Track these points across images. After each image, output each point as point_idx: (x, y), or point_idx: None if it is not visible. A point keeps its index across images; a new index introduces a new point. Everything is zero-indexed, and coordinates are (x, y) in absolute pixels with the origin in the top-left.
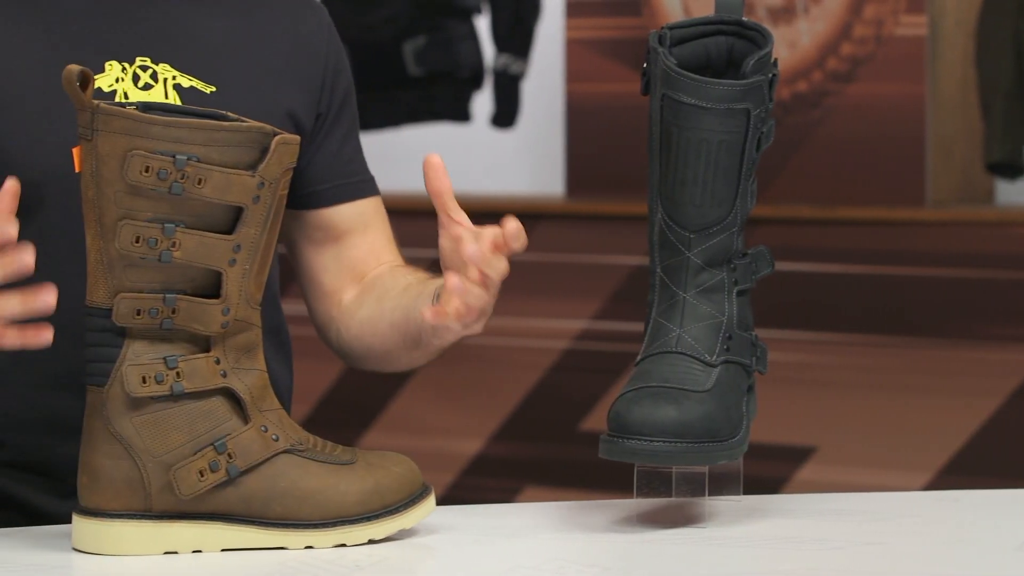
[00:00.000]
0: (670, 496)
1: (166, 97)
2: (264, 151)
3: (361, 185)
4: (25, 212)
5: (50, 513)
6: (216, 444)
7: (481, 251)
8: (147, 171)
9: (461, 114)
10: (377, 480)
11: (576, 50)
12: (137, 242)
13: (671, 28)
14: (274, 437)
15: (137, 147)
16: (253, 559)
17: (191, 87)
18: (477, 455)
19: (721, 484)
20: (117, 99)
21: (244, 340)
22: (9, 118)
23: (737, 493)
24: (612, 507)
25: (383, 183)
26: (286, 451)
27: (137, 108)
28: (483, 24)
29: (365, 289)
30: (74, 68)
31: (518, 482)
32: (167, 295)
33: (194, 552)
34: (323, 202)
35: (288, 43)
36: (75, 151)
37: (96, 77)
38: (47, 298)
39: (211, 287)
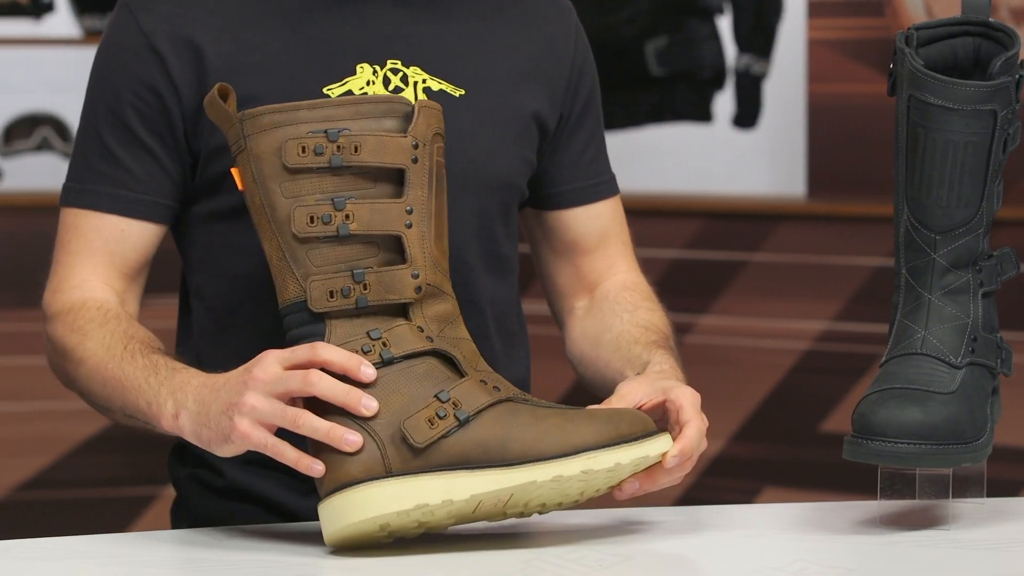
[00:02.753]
0: (913, 498)
1: (416, 100)
2: (409, 117)
3: (600, 187)
4: None
5: (291, 510)
6: (439, 395)
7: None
8: (303, 151)
9: (702, 114)
10: (609, 416)
11: (818, 50)
12: (312, 222)
13: (918, 29)
14: (495, 387)
15: (289, 136)
16: (498, 558)
17: (440, 90)
18: (717, 456)
19: (965, 486)
20: (331, 98)
21: (442, 310)
22: None
23: (981, 495)
24: (854, 509)
25: (624, 183)
26: (509, 399)
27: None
28: (725, 24)
29: (592, 312)
30: (213, 89)
31: (758, 483)
32: (355, 271)
33: (444, 501)
34: (563, 204)
35: (535, 44)
36: (234, 171)
37: (348, 80)
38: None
39: (396, 260)
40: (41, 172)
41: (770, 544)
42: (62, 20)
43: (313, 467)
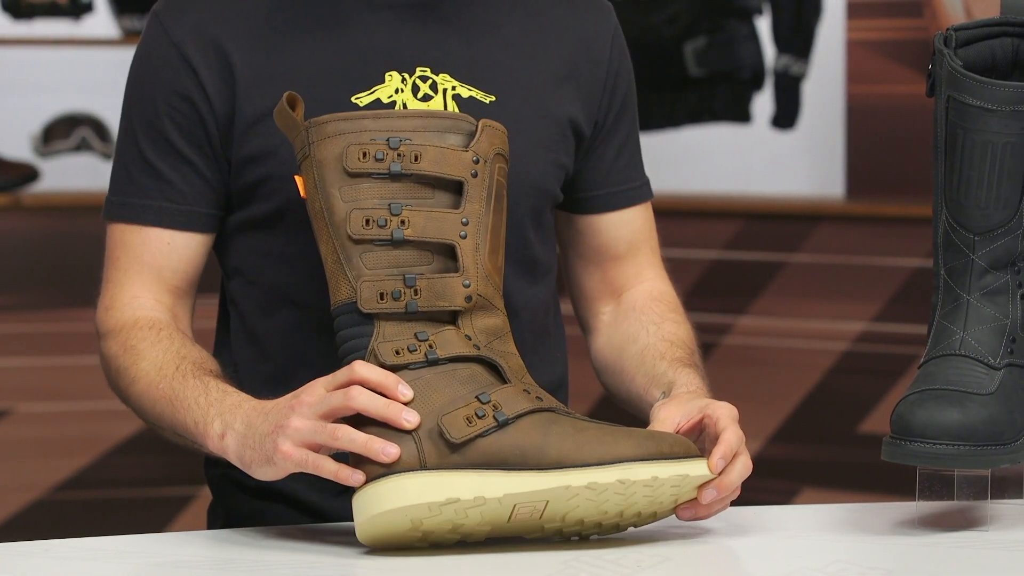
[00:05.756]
0: (952, 499)
1: (444, 107)
2: (472, 135)
3: (632, 193)
4: (297, 225)
5: (321, 509)
6: (479, 396)
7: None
8: (364, 156)
9: (741, 115)
10: (650, 434)
11: (857, 51)
12: (367, 225)
13: (956, 30)
14: (538, 397)
15: (352, 142)
16: (536, 559)
17: (470, 97)
18: (755, 456)
19: (1003, 487)
20: (396, 110)
21: (492, 324)
22: None
23: (1019, 497)
24: (893, 510)
25: (662, 184)
26: (551, 409)
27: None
28: (764, 25)
29: (617, 320)
30: (283, 98)
31: (796, 484)
32: (407, 276)
33: (476, 498)
34: (594, 209)
35: (571, 47)
36: (298, 179)
37: (376, 88)
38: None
39: (450, 269)
40: (80, 172)
41: (808, 545)
42: (101, 21)
43: (352, 477)
